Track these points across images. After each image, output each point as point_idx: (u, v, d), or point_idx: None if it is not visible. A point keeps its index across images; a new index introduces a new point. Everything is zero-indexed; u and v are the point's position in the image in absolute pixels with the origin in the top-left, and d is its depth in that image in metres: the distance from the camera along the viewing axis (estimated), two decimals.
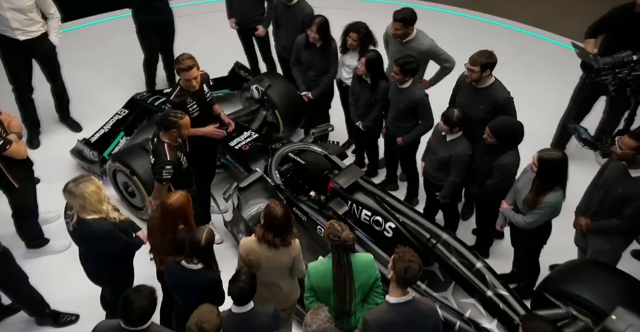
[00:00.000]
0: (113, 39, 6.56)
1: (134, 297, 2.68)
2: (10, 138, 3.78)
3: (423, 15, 4.61)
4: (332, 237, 2.96)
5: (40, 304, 3.97)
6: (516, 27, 7.24)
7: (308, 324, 2.59)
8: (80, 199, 3.10)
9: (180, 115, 3.56)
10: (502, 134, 3.69)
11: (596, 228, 3.64)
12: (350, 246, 2.99)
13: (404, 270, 2.69)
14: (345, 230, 2.97)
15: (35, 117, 5.37)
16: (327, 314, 2.64)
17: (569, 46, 5.34)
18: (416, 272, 2.71)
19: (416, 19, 4.33)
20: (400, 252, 2.76)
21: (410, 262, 2.70)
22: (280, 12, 4.98)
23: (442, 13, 7.49)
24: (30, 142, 5.37)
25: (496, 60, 3.90)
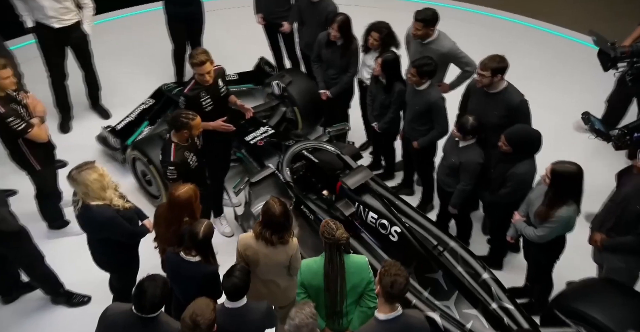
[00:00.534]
0: (145, 31, 6.71)
1: (148, 286, 2.71)
2: (33, 122, 3.92)
3: (451, 15, 4.50)
4: (326, 235, 2.94)
5: (55, 283, 4.10)
6: (554, 31, 7.00)
7: (291, 318, 2.59)
8: (82, 186, 3.18)
9: (191, 117, 3.58)
10: (518, 142, 3.58)
11: (610, 244, 3.49)
12: (344, 246, 2.96)
13: (390, 285, 2.62)
14: (339, 229, 2.95)
15: (67, 103, 5.57)
16: (312, 310, 2.61)
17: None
18: (403, 286, 2.64)
19: (438, 20, 4.24)
20: (386, 266, 2.69)
21: (396, 276, 2.63)
22: (304, 9, 4.97)
23: (472, 13, 7.31)
24: (62, 127, 5.59)
25: (507, 64, 3.79)
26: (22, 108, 3.90)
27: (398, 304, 2.73)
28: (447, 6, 7.05)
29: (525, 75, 4.15)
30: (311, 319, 2.58)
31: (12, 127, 3.77)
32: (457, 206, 4.10)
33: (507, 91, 3.87)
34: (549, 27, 7.03)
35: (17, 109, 3.82)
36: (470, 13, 7.32)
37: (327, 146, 4.40)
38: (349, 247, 3.08)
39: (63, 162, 5.15)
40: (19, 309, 4.22)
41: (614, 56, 4.08)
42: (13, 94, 3.89)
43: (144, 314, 2.73)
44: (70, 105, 5.61)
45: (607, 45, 4.17)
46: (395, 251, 3.78)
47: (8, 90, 3.83)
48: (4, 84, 3.72)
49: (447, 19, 4.36)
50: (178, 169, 3.60)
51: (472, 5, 7.39)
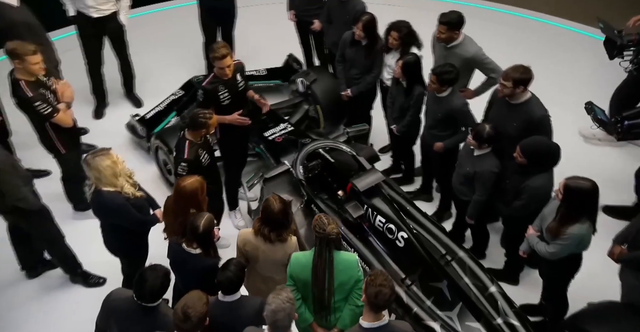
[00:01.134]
0: (180, 24, 6.82)
1: (149, 275, 2.76)
2: (59, 107, 4.07)
3: (479, 15, 4.38)
4: (317, 230, 2.95)
5: (73, 263, 4.26)
6: (552, 21, 6.91)
7: (268, 303, 2.59)
8: (95, 172, 3.27)
9: (209, 116, 3.65)
10: (533, 154, 3.45)
11: (625, 258, 3.34)
12: (334, 241, 2.95)
13: (374, 295, 2.59)
14: (331, 224, 2.95)
15: (103, 90, 5.77)
16: (288, 295, 2.61)
17: None
18: (387, 297, 2.60)
19: (463, 24, 4.12)
20: (372, 276, 2.66)
21: (381, 286, 2.59)
22: (333, 7, 4.95)
23: (497, 12, 7.19)
24: (96, 113, 5.80)
25: (532, 76, 3.65)
26: (51, 93, 4.05)
27: (384, 314, 2.69)
28: (482, 7, 6.99)
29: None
30: (288, 304, 2.57)
31: (39, 111, 3.93)
32: (474, 216, 4.00)
33: (530, 103, 3.74)
34: (547, 18, 7.05)
35: (45, 94, 3.97)
36: (495, 12, 7.20)
37: (343, 146, 4.37)
38: (340, 244, 3.07)
39: (93, 147, 5.36)
40: (42, 284, 4.41)
41: (620, 44, 4.08)
42: (43, 79, 4.06)
43: (143, 302, 2.78)
44: (105, 93, 5.81)
45: (613, 33, 4.18)
46: (401, 257, 3.72)
47: (39, 76, 4.00)
48: (34, 69, 3.88)
49: (477, 19, 4.25)
50: (190, 166, 3.66)
51: (500, 5, 7.27)
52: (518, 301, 3.81)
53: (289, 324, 2.60)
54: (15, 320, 4.12)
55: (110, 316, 2.90)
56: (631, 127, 3.98)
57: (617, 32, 4.19)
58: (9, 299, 4.29)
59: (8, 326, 4.08)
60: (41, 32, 4.68)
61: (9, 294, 4.33)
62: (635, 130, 4.00)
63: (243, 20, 5.90)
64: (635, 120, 3.99)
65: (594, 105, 4.25)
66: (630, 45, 4.10)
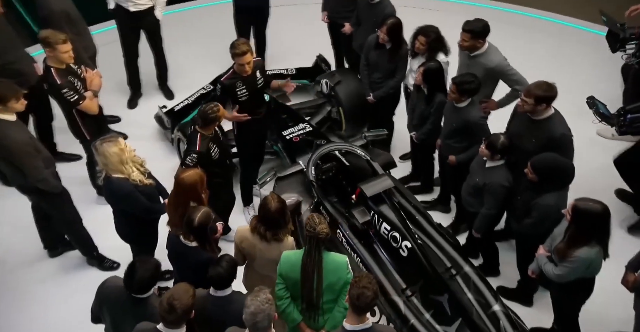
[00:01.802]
0: (215, 22, 6.92)
1: (139, 267, 2.80)
2: (86, 95, 4.22)
3: (481, 14, 4.35)
4: (308, 228, 2.94)
5: (90, 246, 4.41)
6: (556, 19, 6.94)
7: (247, 306, 2.57)
8: (102, 157, 3.36)
9: (216, 109, 3.70)
10: (544, 171, 3.32)
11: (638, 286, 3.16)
12: (323, 241, 2.94)
13: (356, 296, 2.57)
14: (322, 224, 2.93)
15: (138, 81, 5.95)
16: (267, 296, 2.59)
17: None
18: (369, 300, 2.57)
19: (488, 33, 4.01)
20: (357, 277, 2.64)
21: (364, 288, 2.56)
22: (362, 10, 4.92)
23: (500, 11, 7.10)
24: (130, 103, 5.99)
25: (555, 94, 3.52)
26: (79, 81, 4.21)
27: (367, 317, 2.66)
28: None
29: (534, 63, 4.29)
30: (267, 305, 2.56)
31: (66, 97, 4.09)
32: (480, 231, 3.87)
33: (552, 121, 3.61)
34: (550, 16, 7.07)
35: (73, 82, 4.13)
36: (495, 10, 7.10)
37: (358, 150, 4.33)
38: (331, 245, 3.06)
39: (124, 135, 5.56)
40: (62, 263, 4.60)
41: (622, 37, 4.14)
42: (73, 67, 4.22)
43: (133, 293, 2.83)
44: (140, 84, 5.99)
45: (616, 26, 4.24)
46: (404, 267, 3.66)
47: (69, 64, 4.17)
48: (63, 57, 4.04)
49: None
50: (200, 158, 3.71)
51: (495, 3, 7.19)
52: (530, 323, 3.70)
53: (268, 324, 2.58)
54: (35, 295, 4.31)
55: (103, 303, 2.97)
56: (633, 121, 3.97)
57: (620, 25, 4.24)
58: (31, 274, 4.50)
59: (28, 300, 4.28)
60: (80, 22, 4.87)
61: (32, 270, 4.54)
62: (637, 124, 3.99)
63: (277, 19, 5.95)
64: (637, 114, 3.97)
65: (595, 100, 4.24)
66: (633, 38, 4.13)
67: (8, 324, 4.12)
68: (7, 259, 4.57)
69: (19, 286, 4.40)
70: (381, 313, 3.58)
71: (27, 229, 4.49)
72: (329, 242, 3.04)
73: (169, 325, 2.62)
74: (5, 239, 4.71)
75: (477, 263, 4.37)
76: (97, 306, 3.01)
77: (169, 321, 2.61)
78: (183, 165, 3.75)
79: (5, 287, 4.37)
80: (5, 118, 3.61)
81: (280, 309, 3.18)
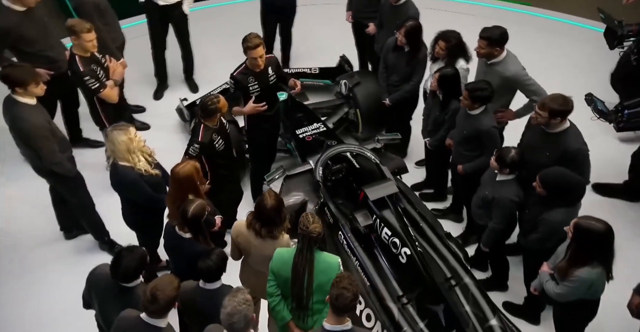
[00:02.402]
0: (242, 19, 6.89)
1: (124, 256, 2.83)
2: (107, 83, 4.33)
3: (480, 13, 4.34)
4: (301, 226, 2.93)
5: (101, 231, 4.52)
6: (554, 16, 6.93)
7: (224, 306, 2.56)
8: (111, 144, 3.44)
9: (216, 100, 3.71)
10: (553, 186, 3.20)
11: None
12: (315, 240, 2.92)
13: (335, 297, 2.54)
14: (315, 223, 2.91)
15: (164, 73, 6.07)
16: (245, 296, 2.57)
17: None
18: (348, 301, 2.53)
19: (505, 41, 3.90)
20: (338, 277, 2.61)
21: (344, 289, 2.53)
22: (385, 11, 4.87)
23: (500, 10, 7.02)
24: (156, 94, 6.11)
25: (571, 108, 3.40)
26: (102, 70, 4.33)
27: (347, 319, 2.63)
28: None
29: (530, 60, 4.14)
30: (244, 306, 2.53)
31: (87, 85, 4.21)
32: (488, 245, 3.78)
33: (567, 134, 3.48)
34: (548, 14, 7.08)
35: (95, 70, 4.25)
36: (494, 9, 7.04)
37: (368, 153, 4.28)
38: (324, 244, 3.03)
39: (147, 125, 5.70)
40: (75, 246, 4.73)
41: (620, 34, 4.23)
42: (97, 56, 4.34)
43: (119, 282, 2.86)
44: (166, 76, 6.11)
45: (614, 23, 4.34)
46: (402, 274, 3.60)
47: (94, 53, 4.29)
48: (87, 46, 4.16)
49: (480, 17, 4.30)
50: (202, 149, 3.74)
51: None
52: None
53: (245, 325, 2.56)
54: (47, 275, 4.45)
55: (92, 289, 3.02)
56: (631, 116, 3.98)
57: (618, 22, 4.33)
58: (45, 255, 4.65)
59: (39, 278, 4.42)
60: (109, 13, 5.00)
61: (46, 250, 4.70)
62: (635, 119, 3.99)
63: (304, 18, 5.97)
64: (635, 109, 3.97)
65: (594, 97, 4.27)
66: (631, 35, 4.22)
67: (19, 299, 4.27)
68: (24, 238, 4.74)
69: (33, 264, 4.56)
70: (376, 319, 3.53)
71: (47, 210, 4.63)
72: (322, 242, 3.01)
73: (151, 315, 2.65)
74: (26, 218, 4.87)
75: (485, 276, 4.29)
76: (87, 292, 3.07)
77: (150, 311, 2.64)
78: (186, 154, 3.79)
79: (19, 264, 4.53)
80: (25, 101, 3.73)
81: (270, 306, 3.19)
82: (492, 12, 6.96)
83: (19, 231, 4.79)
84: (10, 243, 4.68)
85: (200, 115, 3.80)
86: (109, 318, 2.88)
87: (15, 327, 4.10)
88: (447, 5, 6.92)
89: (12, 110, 3.73)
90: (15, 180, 4.91)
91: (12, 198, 5.00)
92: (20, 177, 4.42)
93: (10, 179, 4.99)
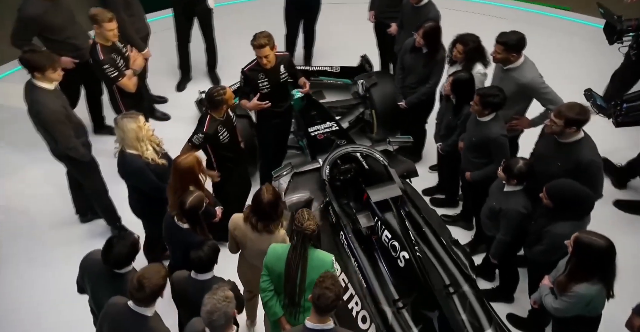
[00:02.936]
0: (266, 15, 6.88)
1: (116, 243, 2.87)
2: (126, 73, 4.42)
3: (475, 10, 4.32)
4: (296, 223, 2.94)
5: (113, 216, 4.62)
6: (553, 13, 6.88)
7: (204, 304, 2.53)
8: (120, 132, 3.50)
9: (222, 91, 3.72)
10: (559, 198, 3.11)
11: None
12: (309, 237, 2.92)
13: (317, 296, 2.53)
14: (310, 220, 2.91)
15: (188, 66, 6.16)
16: (225, 294, 2.55)
17: None
18: (330, 301, 2.52)
19: (523, 47, 3.80)
20: (322, 277, 2.59)
21: (326, 289, 2.52)
22: (406, 13, 4.81)
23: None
24: (179, 86, 6.21)
25: (588, 118, 3.29)
26: (122, 59, 4.42)
27: (330, 319, 2.62)
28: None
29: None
30: (224, 303, 2.51)
31: (106, 73, 4.31)
32: (496, 257, 3.71)
33: (580, 145, 3.37)
34: (547, 10, 7.09)
35: (115, 59, 4.34)
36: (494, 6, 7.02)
37: (377, 155, 4.24)
38: (319, 242, 3.03)
39: (167, 115, 5.80)
40: (89, 230, 4.85)
41: (620, 29, 4.25)
42: (119, 45, 4.44)
43: (110, 268, 2.90)
44: (190, 68, 6.20)
45: (613, 18, 4.34)
46: (400, 278, 3.55)
47: (115, 42, 4.39)
48: (108, 35, 4.25)
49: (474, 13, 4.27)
50: (206, 139, 3.76)
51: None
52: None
53: (225, 323, 2.54)
54: (58, 257, 4.57)
55: (84, 274, 3.08)
56: (630, 109, 4.00)
57: (617, 17, 4.34)
58: (59, 237, 4.79)
59: (51, 260, 4.56)
60: (134, 5, 5.10)
61: (61, 231, 4.83)
62: (633, 113, 4.01)
63: (328, 16, 5.95)
64: (633, 103, 3.96)
65: (593, 92, 4.27)
66: (630, 30, 4.24)
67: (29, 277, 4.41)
68: (42, 218, 4.88)
69: (46, 244, 4.70)
70: (371, 321, 3.50)
71: (67, 193, 4.76)
72: (317, 240, 3.01)
73: (138, 302, 2.66)
74: (46, 199, 5.01)
75: (491, 286, 4.20)
76: (81, 278, 3.13)
77: (137, 299, 2.65)
78: (189, 142, 3.82)
79: (33, 243, 4.68)
80: (44, 86, 3.84)
81: (263, 301, 3.21)
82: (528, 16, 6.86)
83: (38, 212, 4.94)
84: (28, 222, 4.84)
85: (207, 106, 3.82)
86: (101, 303, 2.93)
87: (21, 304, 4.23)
88: (473, 6, 6.84)
89: (31, 95, 3.85)
90: (41, 161, 5.04)
91: (36, 179, 5.16)
92: (46, 159, 4.56)
93: (37, 160, 5.13)
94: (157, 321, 2.74)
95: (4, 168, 5.33)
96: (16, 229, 4.78)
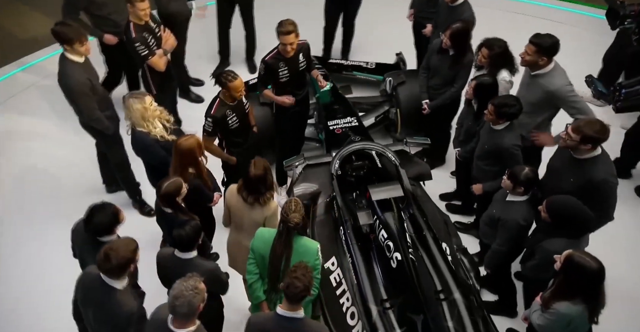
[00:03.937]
0: (307, 7, 6.88)
1: (96, 211, 2.92)
2: (157, 52, 4.54)
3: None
4: (282, 212, 2.96)
5: (135, 190, 4.79)
6: (551, 4, 6.68)
7: (173, 288, 2.51)
8: (127, 110, 3.61)
9: (230, 78, 3.71)
10: (557, 214, 2.94)
11: None
12: (293, 228, 2.93)
13: (286, 285, 2.55)
14: (297, 212, 2.92)
15: (227, 51, 6.26)
16: (195, 284, 2.49)
17: None
18: (298, 291, 2.52)
19: (555, 52, 3.60)
20: (295, 266, 2.60)
21: (295, 279, 2.53)
22: (441, 12, 4.69)
23: None
24: (216, 70, 6.27)
25: (606, 137, 3.11)
26: (154, 39, 4.54)
27: (301, 308, 2.62)
28: None
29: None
30: (191, 292, 2.46)
31: (137, 51, 4.45)
32: (489, 267, 3.55)
33: (595, 162, 3.19)
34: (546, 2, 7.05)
35: (147, 38, 4.47)
36: None
37: (389, 154, 4.15)
38: (304, 231, 3.05)
39: (201, 98, 5.92)
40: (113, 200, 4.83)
41: (622, 14, 4.33)
42: (152, 25, 4.56)
43: (90, 235, 2.96)
44: (229, 54, 6.31)
45: (616, 3, 4.45)
46: (390, 278, 3.48)
47: (148, 21, 4.52)
48: (140, 14, 4.38)
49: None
50: (215, 124, 3.79)
51: None
52: None
53: (188, 312, 2.49)
54: None
55: (74, 242, 3.20)
56: (628, 95, 4.02)
57: (620, 2, 4.43)
58: (84, 204, 4.88)
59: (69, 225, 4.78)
60: None
61: (86, 200, 4.86)
62: (633, 97, 4.02)
63: (369, 11, 5.87)
64: (632, 88, 4.02)
65: (594, 78, 4.32)
66: (632, 15, 4.31)
67: (53, 242, 4.59)
68: (70, 186, 5.10)
69: (71, 212, 4.86)
70: (359, 319, 3.45)
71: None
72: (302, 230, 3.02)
73: (106, 273, 2.68)
74: (78, 167, 5.23)
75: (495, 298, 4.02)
76: (73, 245, 3.25)
77: (103, 269, 2.67)
78: (204, 131, 3.87)
79: (57, 208, 4.90)
80: (72, 58, 4.02)
81: (248, 283, 3.24)
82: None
83: (69, 176, 5.15)
84: (55, 186, 5.07)
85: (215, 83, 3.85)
86: None
87: (33, 267, 4.44)
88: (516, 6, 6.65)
89: (60, 66, 4.05)
90: (80, 130, 5.33)
91: (73, 146, 5.36)
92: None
93: (77, 129, 5.42)
94: (127, 295, 2.73)
95: (45, 133, 5.58)
96: (43, 190, 5.01)
